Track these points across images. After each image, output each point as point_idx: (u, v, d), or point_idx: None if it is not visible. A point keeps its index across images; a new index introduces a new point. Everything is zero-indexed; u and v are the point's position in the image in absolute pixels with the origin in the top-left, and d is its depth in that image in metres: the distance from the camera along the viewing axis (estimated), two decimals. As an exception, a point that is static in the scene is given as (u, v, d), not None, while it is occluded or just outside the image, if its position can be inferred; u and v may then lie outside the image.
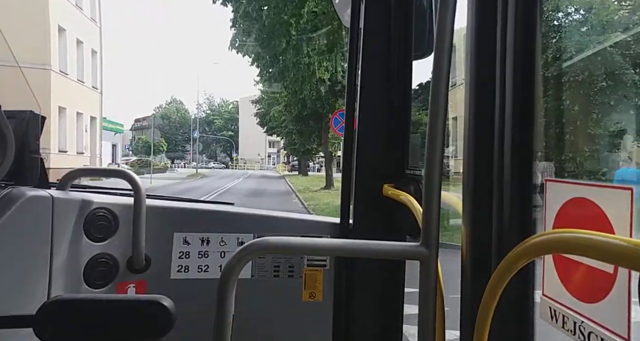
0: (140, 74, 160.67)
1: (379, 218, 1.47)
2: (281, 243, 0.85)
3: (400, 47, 1.46)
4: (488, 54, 0.85)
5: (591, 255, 0.54)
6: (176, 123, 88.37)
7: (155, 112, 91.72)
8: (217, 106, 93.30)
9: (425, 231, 0.82)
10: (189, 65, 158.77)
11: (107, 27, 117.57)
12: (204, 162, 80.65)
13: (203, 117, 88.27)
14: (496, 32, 0.84)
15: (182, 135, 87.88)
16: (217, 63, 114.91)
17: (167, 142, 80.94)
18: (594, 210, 0.69)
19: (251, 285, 1.52)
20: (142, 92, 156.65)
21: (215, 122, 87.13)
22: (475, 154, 0.88)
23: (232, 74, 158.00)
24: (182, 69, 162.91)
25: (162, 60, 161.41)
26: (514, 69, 0.81)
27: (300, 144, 32.00)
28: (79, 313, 0.92)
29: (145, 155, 59.46)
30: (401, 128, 1.48)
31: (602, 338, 0.65)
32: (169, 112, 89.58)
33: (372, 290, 1.51)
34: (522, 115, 0.82)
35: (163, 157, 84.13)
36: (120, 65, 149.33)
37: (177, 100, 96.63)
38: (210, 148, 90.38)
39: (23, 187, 1.34)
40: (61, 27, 22.66)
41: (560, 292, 0.75)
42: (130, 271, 1.45)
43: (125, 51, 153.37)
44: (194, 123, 76.10)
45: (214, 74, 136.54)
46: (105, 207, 1.45)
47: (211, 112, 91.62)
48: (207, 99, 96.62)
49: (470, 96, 0.89)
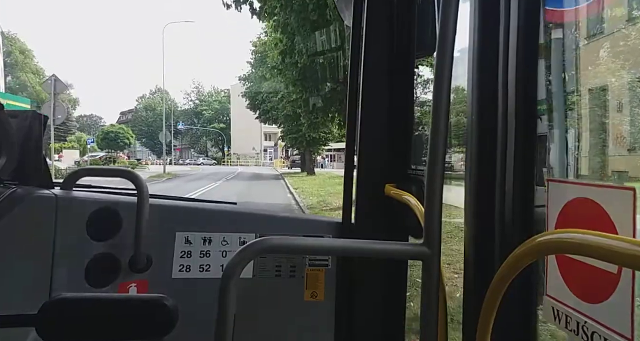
0: (123, 64, 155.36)
1: (381, 218, 1.47)
2: (283, 243, 0.85)
3: (402, 46, 1.46)
4: (491, 53, 0.85)
5: (594, 256, 0.53)
6: (161, 114, 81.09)
7: (138, 102, 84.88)
8: (207, 95, 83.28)
9: (427, 231, 0.81)
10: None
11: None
12: (193, 158, 75.26)
13: (191, 108, 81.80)
14: (499, 30, 0.84)
15: (168, 128, 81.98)
16: (190, 21, 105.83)
17: (150, 136, 74.52)
18: (596, 210, 0.68)
19: (253, 285, 1.52)
20: (127, 83, 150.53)
21: (205, 113, 77.66)
22: (477, 154, 0.88)
23: (223, 59, 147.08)
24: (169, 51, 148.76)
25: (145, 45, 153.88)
26: (516, 68, 0.81)
27: (306, 131, 24.71)
28: (81, 313, 0.92)
29: (112, 150, 56.48)
30: (403, 128, 1.48)
31: (606, 338, 0.65)
32: (153, 103, 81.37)
33: (374, 290, 1.51)
34: (525, 114, 0.82)
35: (136, 151, 77.76)
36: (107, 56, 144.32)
37: (162, 90, 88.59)
38: (200, 142, 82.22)
39: (27, 187, 1.34)
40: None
41: (564, 292, 0.75)
42: (132, 271, 1.45)
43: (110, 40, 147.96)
44: (170, 114, 66.44)
45: (203, 58, 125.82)
46: (108, 206, 1.45)
47: (200, 102, 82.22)
48: (196, 88, 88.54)
49: (473, 95, 0.89)
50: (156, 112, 76.39)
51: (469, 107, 0.89)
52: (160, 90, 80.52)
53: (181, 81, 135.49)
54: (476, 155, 0.88)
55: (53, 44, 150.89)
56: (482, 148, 0.87)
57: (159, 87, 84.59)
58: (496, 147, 0.84)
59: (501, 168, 0.83)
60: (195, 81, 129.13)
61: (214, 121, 75.48)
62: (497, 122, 0.84)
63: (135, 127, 77.28)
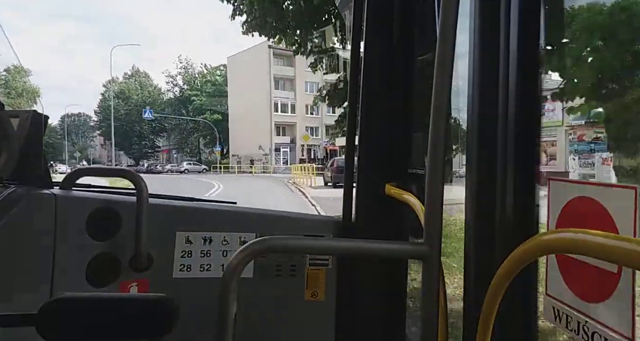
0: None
1: (382, 217, 1.46)
2: (283, 243, 0.85)
3: (402, 45, 1.46)
4: (491, 53, 0.85)
5: (595, 255, 0.53)
6: (138, 104, 59.22)
7: (107, 87, 62.22)
8: (198, 76, 62.48)
9: (428, 230, 0.81)
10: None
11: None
12: (175, 162, 56.87)
13: (177, 95, 62.31)
14: (499, 30, 0.84)
15: (147, 123, 59.71)
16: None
17: (123, 134, 57.86)
18: (597, 209, 0.68)
19: (253, 284, 1.52)
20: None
21: (194, 100, 57.07)
22: (478, 153, 0.88)
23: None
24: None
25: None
26: (517, 68, 0.81)
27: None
28: (82, 312, 0.92)
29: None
30: (404, 127, 1.47)
31: (606, 338, 0.65)
32: (128, 89, 62.17)
33: (374, 289, 1.51)
34: (526, 114, 0.82)
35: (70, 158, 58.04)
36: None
37: (141, 72, 66.30)
38: (190, 141, 61.09)
39: (27, 187, 1.34)
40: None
41: (564, 292, 0.75)
42: (133, 270, 1.45)
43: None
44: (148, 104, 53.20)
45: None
46: (108, 206, 1.45)
47: (188, 86, 61.37)
48: (184, 68, 64.01)
49: (474, 95, 0.89)
50: (132, 102, 60.84)
51: (469, 106, 0.89)
52: (139, 72, 65.75)
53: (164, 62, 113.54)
54: (477, 154, 0.88)
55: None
56: (483, 148, 0.87)
57: (137, 69, 67.87)
58: (497, 146, 0.84)
59: (502, 167, 0.83)
60: (183, 58, 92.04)
61: (206, 111, 55.63)
62: (498, 121, 0.84)
63: (103, 122, 60.55)
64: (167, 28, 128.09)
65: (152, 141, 65.14)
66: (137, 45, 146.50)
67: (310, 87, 47.56)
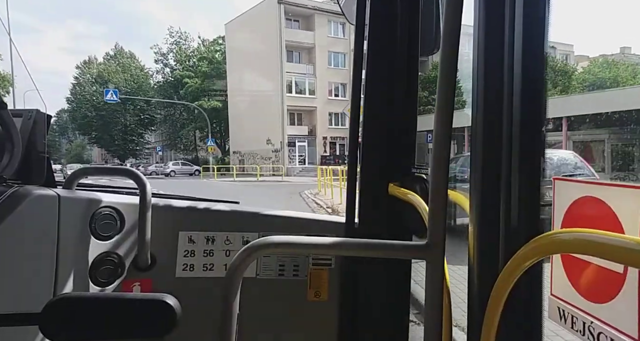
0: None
1: (385, 217, 1.46)
2: (286, 242, 0.85)
3: (406, 45, 1.45)
4: (496, 51, 0.85)
5: (600, 255, 0.53)
6: (125, 92, 45.24)
7: (82, 70, 51.16)
8: (193, 52, 49.85)
9: (432, 230, 0.81)
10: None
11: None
12: (162, 161, 48.33)
13: (168, 78, 49.91)
14: (504, 28, 0.83)
15: (134, 113, 49.44)
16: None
17: (102, 127, 47.11)
18: (603, 209, 0.68)
19: (256, 284, 1.52)
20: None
21: (188, 82, 45.33)
22: (482, 153, 0.87)
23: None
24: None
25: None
26: (522, 67, 0.81)
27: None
28: (85, 311, 0.92)
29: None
30: (407, 127, 1.47)
31: (612, 339, 0.64)
32: (108, 72, 49.52)
33: (378, 289, 1.50)
34: (530, 114, 0.81)
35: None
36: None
37: (125, 52, 53.37)
38: (183, 134, 49.60)
39: (30, 186, 1.35)
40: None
41: (569, 292, 0.74)
42: (136, 270, 1.45)
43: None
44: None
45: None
46: (111, 206, 1.45)
47: (181, 65, 48.93)
48: (175, 43, 50.51)
49: (478, 94, 0.88)
50: (113, 87, 43.77)
51: (474, 105, 0.89)
52: (122, 52, 52.95)
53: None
54: (481, 153, 0.88)
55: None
56: (487, 147, 0.87)
57: (120, 47, 53.78)
58: (501, 145, 0.83)
59: (506, 167, 0.83)
60: (174, 31, 69.94)
61: (202, 96, 43.91)
62: (503, 120, 0.83)
63: (77, 112, 49.76)
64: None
65: (140, 135, 52.51)
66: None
67: (335, 60, 36.05)
